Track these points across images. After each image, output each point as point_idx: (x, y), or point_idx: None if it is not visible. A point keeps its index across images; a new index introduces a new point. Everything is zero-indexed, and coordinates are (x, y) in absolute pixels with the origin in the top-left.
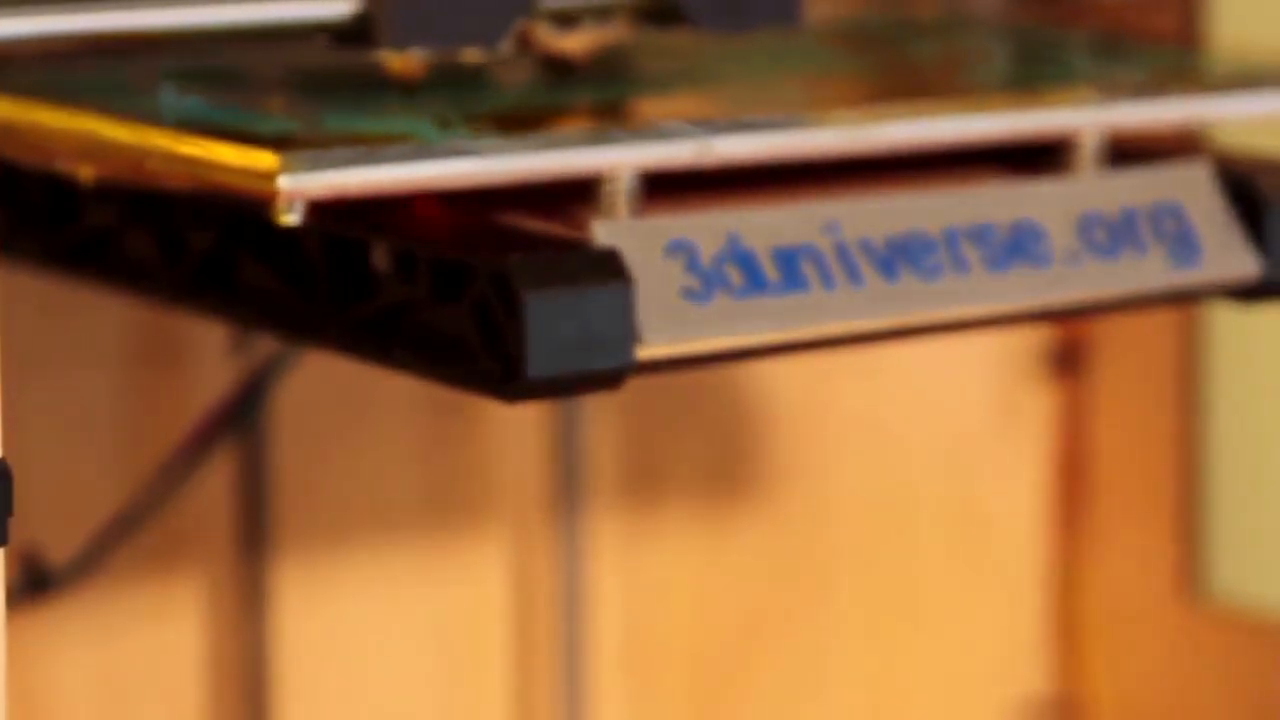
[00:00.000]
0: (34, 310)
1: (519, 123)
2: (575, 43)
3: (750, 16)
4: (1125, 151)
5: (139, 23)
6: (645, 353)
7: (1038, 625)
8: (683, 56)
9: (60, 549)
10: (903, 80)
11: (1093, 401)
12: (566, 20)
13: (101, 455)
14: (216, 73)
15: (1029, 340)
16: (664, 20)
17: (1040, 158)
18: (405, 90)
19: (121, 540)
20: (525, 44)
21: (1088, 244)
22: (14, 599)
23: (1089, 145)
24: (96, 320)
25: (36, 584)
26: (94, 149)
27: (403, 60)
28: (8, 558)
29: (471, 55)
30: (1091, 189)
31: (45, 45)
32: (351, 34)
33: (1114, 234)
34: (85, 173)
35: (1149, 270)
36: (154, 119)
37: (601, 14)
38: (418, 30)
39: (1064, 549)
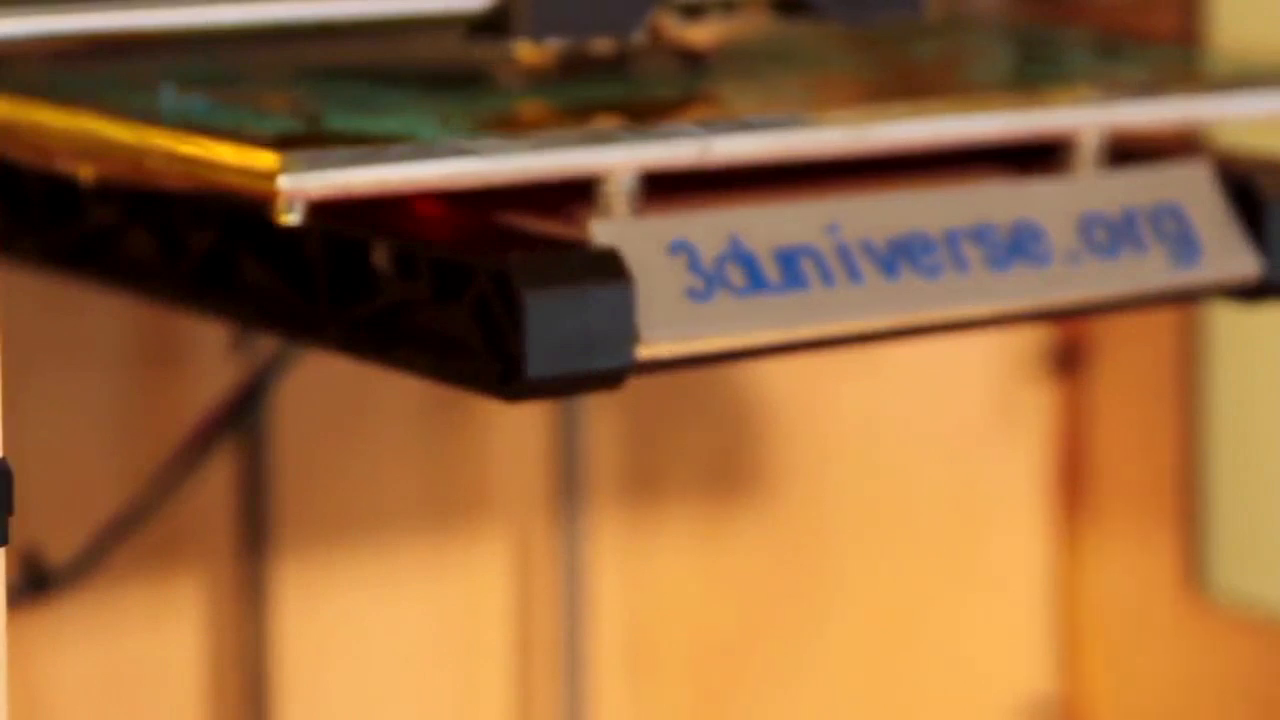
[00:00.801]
0: (34, 310)
1: (519, 123)
2: (702, 34)
3: (874, 7)
4: (1125, 151)
5: (252, 15)
6: (646, 352)
7: (1038, 624)
8: (720, 54)
9: (60, 548)
10: (903, 80)
11: (1093, 401)
12: (694, 12)
13: (102, 454)
14: (217, 73)
15: (1029, 339)
16: (790, 12)
17: (1040, 157)
18: (496, 84)
19: (122, 539)
20: (654, 35)
21: (1088, 243)
22: (14, 598)
23: (1089, 145)
24: (97, 320)
25: (37, 583)
26: (94, 149)
27: (536, 51)
28: (8, 557)
29: (603, 46)
30: (1092, 188)
31: (58, 44)
32: (488, 25)
33: (1114, 233)
34: (85, 172)
35: (1149, 270)
36: (154, 119)
37: (729, 6)
38: (554, 21)
39: (1064, 548)
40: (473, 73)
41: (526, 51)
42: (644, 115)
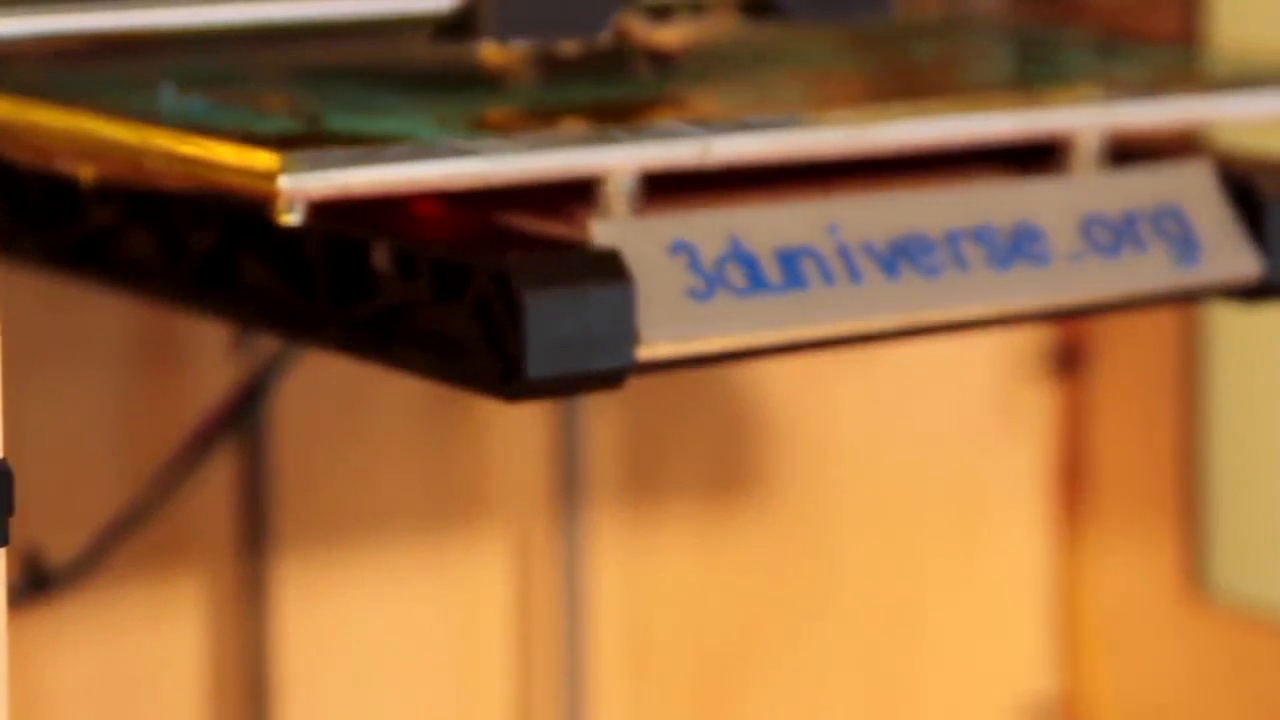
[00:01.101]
0: (34, 310)
1: (519, 123)
2: (670, 36)
3: (842, 7)
4: (1126, 151)
5: (235, 16)
6: (646, 353)
7: (1038, 624)
8: (689, 55)
9: (61, 548)
10: (904, 80)
11: (1094, 401)
12: (662, 14)
13: (102, 454)
14: (216, 73)
15: (1030, 339)
16: (757, 13)
17: (1041, 157)
18: (497, 84)
19: (122, 539)
20: (621, 37)
21: (1089, 244)
22: (15, 598)
23: (1089, 145)
24: (97, 320)
25: (37, 583)
26: (94, 149)
27: (502, 53)
28: (9, 557)
29: (569, 47)
30: (1092, 189)
31: (57, 44)
32: (453, 27)
33: (1115, 234)
34: (86, 172)
35: (1150, 270)
36: (154, 119)
37: (697, 8)
38: (520, 22)
39: (1065, 548)
40: (470, 73)
41: (492, 53)
42: (642, 115)
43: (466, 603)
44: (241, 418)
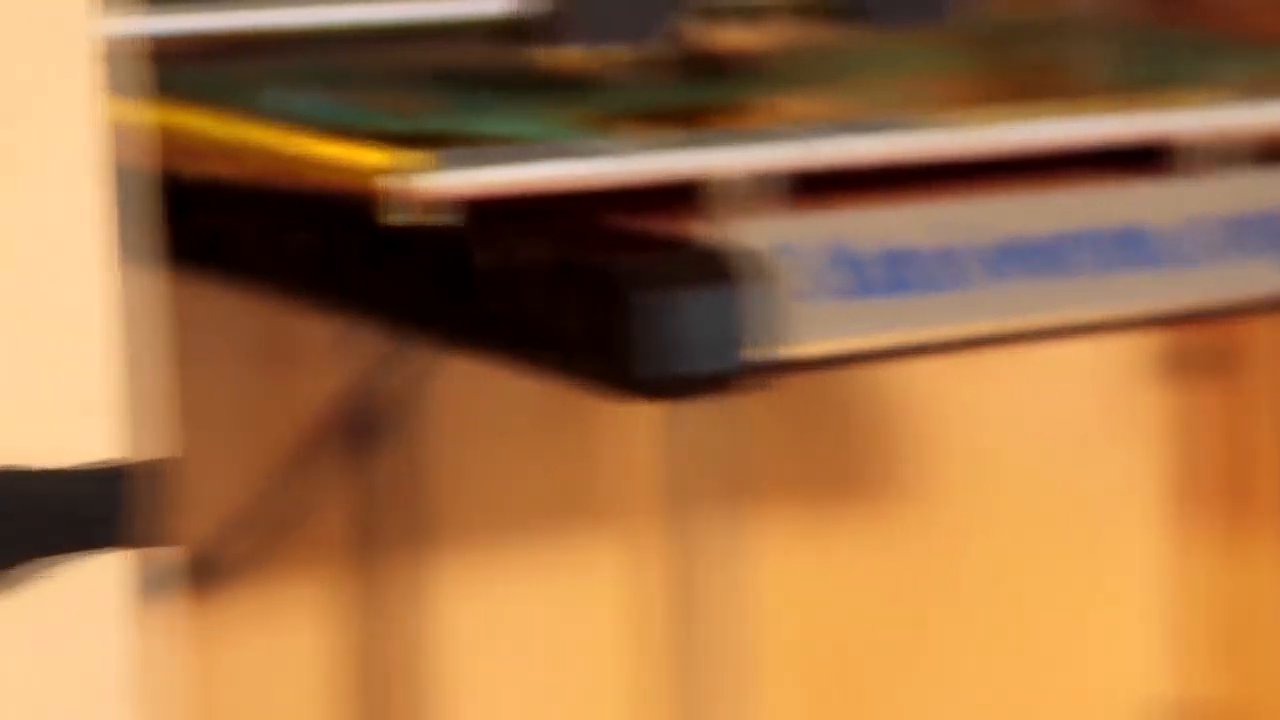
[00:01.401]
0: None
1: (642, 124)
2: (730, 41)
3: (901, 13)
4: (1236, 154)
5: (312, 19)
6: (769, 354)
7: (1161, 629)
8: (802, 57)
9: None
10: (1014, 81)
11: (1213, 404)
12: (722, 18)
13: (224, 452)
14: (334, 72)
15: (1149, 341)
16: (816, 17)
17: (1150, 159)
18: (585, 86)
19: (243, 538)
20: (681, 42)
21: (1200, 247)
22: (179, 590)
23: (1200, 148)
24: (219, 317)
25: (202, 574)
26: (211, 148)
27: (561, 57)
28: (170, 554)
29: (627, 52)
30: (1203, 192)
31: (178, 44)
32: (512, 32)
33: (1226, 237)
34: (209, 168)
35: (1262, 275)
36: (273, 117)
37: (756, 13)
38: (577, 27)
39: (1187, 552)
40: (550, 76)
41: (563, 56)
42: (752, 118)
43: (582, 603)
44: (358, 420)
